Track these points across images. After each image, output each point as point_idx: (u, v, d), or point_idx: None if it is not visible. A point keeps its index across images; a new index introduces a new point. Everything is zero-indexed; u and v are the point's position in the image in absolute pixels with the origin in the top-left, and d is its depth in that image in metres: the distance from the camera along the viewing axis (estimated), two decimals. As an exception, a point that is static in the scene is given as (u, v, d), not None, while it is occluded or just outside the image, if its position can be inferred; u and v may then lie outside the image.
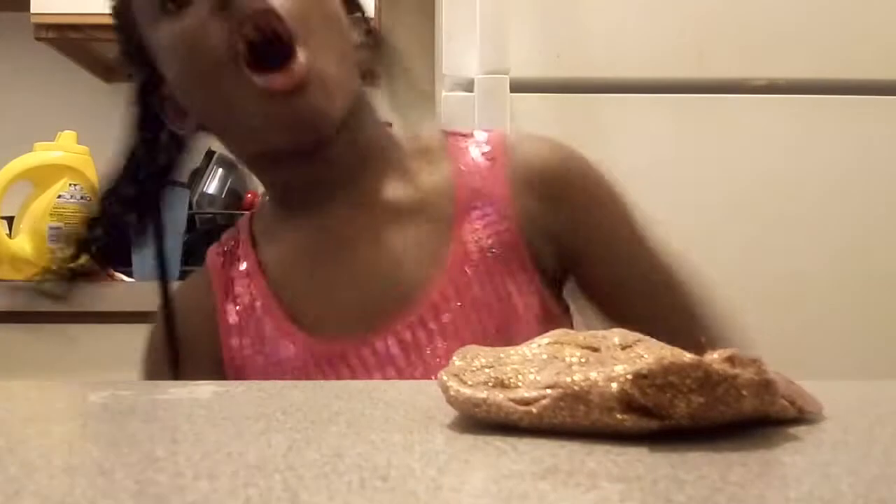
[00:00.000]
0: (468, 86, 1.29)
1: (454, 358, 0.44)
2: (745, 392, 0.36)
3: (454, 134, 0.77)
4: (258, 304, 0.73)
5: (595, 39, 1.31)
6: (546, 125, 1.30)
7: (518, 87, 1.27)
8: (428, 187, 0.73)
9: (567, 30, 1.31)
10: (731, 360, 0.37)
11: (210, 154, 1.84)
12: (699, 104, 1.31)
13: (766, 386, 0.37)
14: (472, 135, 0.77)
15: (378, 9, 1.84)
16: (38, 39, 1.83)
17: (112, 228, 0.75)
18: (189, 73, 0.68)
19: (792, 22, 1.31)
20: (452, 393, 0.40)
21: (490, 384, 0.40)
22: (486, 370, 0.42)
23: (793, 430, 0.39)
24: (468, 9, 1.27)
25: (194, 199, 1.84)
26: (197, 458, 0.33)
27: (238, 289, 0.75)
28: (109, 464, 0.33)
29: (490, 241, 0.71)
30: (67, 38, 1.83)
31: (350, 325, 0.70)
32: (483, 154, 0.74)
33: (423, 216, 0.71)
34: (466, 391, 0.39)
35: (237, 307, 0.74)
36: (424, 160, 0.75)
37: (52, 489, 0.29)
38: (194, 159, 0.87)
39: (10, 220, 1.71)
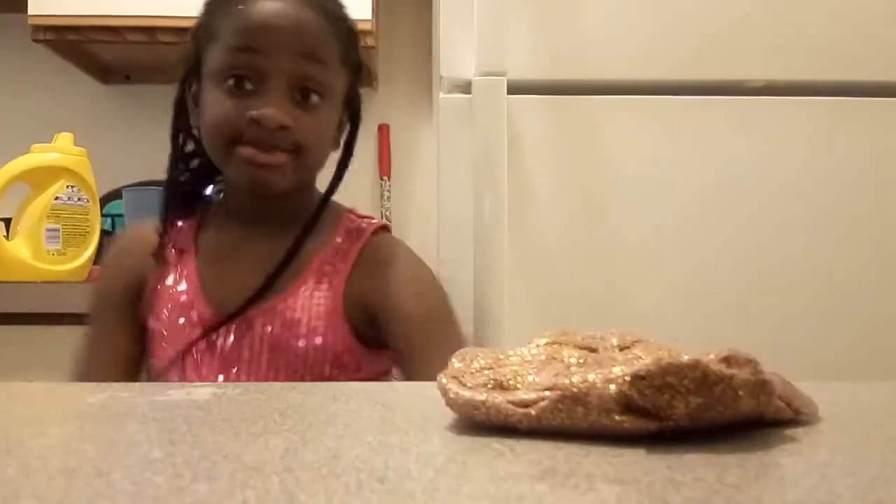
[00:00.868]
0: (465, 88, 1.29)
1: (453, 360, 0.44)
2: (741, 392, 0.36)
3: (351, 212, 1.02)
4: (185, 273, 0.97)
5: (592, 41, 1.31)
6: (543, 127, 1.30)
7: (515, 89, 1.26)
8: (311, 244, 0.96)
9: (564, 32, 1.31)
10: (727, 360, 0.37)
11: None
12: (697, 106, 1.31)
13: (762, 386, 0.37)
14: (363, 218, 1.01)
15: (375, 10, 1.84)
16: (36, 41, 1.82)
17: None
18: (212, 130, 0.92)
19: (790, 24, 1.31)
20: (452, 395, 0.40)
21: (489, 386, 0.40)
22: (485, 372, 0.42)
23: (790, 431, 0.39)
24: (465, 10, 1.26)
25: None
26: (195, 459, 0.33)
27: (172, 254, 0.99)
28: (107, 465, 0.33)
29: (320, 297, 0.94)
30: (65, 39, 1.82)
31: (229, 306, 0.94)
32: (356, 236, 0.97)
33: (297, 259, 0.95)
34: (465, 394, 0.40)
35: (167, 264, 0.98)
36: (324, 222, 0.98)
37: (50, 491, 0.29)
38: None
39: (7, 221, 1.71)
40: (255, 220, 0.97)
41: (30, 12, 1.77)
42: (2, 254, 1.60)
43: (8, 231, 1.69)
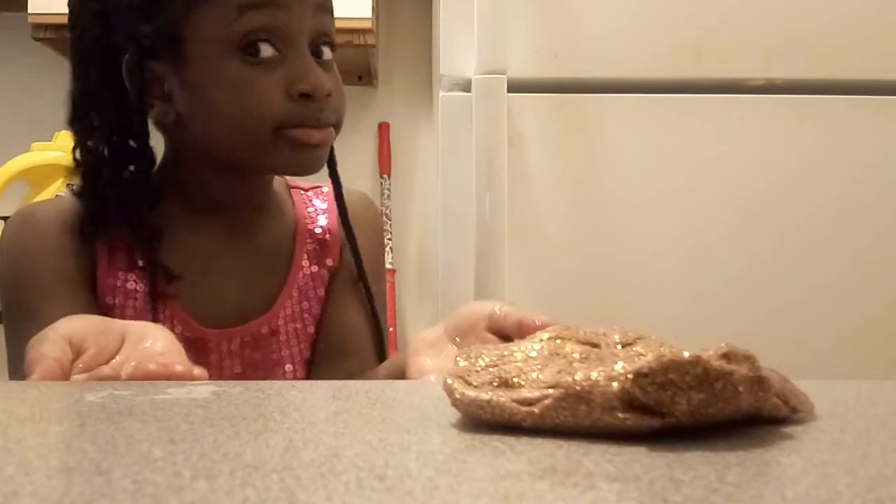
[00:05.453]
0: (466, 86, 1.29)
1: (458, 359, 0.44)
2: (741, 388, 0.36)
3: (295, 187, 0.94)
4: (142, 289, 0.82)
5: (593, 39, 1.31)
6: (543, 125, 1.30)
7: (515, 87, 1.26)
8: (280, 232, 0.89)
9: (565, 30, 1.31)
10: (726, 356, 0.37)
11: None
12: (697, 104, 1.31)
13: (759, 382, 0.37)
14: (309, 188, 0.94)
15: (375, 9, 1.84)
16: (36, 39, 1.82)
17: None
18: (241, 118, 0.77)
19: (790, 22, 1.31)
20: (458, 396, 0.40)
21: (494, 384, 0.40)
22: (490, 370, 0.42)
23: (790, 429, 0.39)
24: (466, 9, 1.26)
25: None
26: (195, 458, 0.33)
27: (122, 273, 0.83)
28: (107, 464, 0.33)
29: (317, 269, 0.89)
30: (65, 38, 1.82)
31: (218, 319, 0.84)
32: (321, 207, 0.92)
33: (274, 253, 0.88)
34: (471, 393, 0.40)
35: (119, 281, 0.82)
36: (279, 203, 0.91)
37: (50, 489, 0.29)
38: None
39: (6, 220, 1.71)
40: (220, 210, 0.86)
41: (30, 11, 1.77)
42: (2, 252, 1.59)
43: (8, 230, 1.69)
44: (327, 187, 0.94)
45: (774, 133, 1.31)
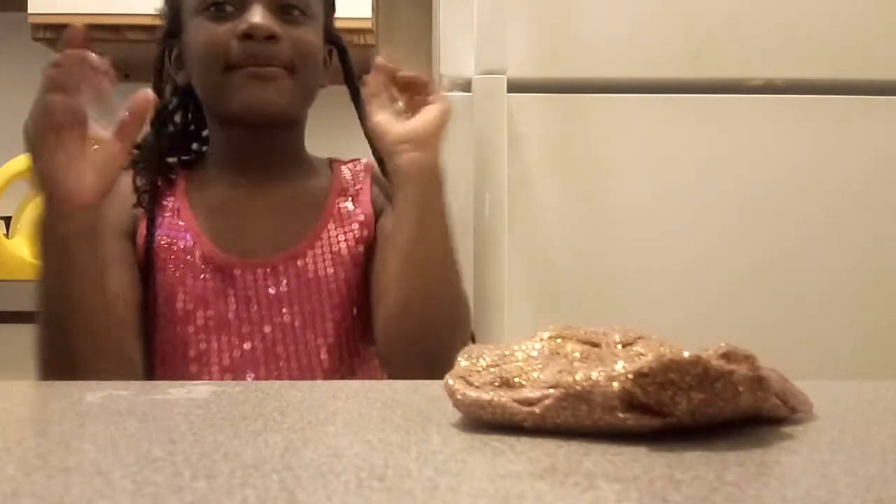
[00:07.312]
0: (466, 86, 1.29)
1: (459, 359, 0.44)
2: (741, 388, 0.36)
3: (336, 160, 1.06)
4: (182, 225, 0.95)
5: (592, 39, 1.31)
6: (543, 125, 1.30)
7: (515, 87, 1.26)
8: (315, 185, 1.01)
9: (564, 30, 1.31)
10: (726, 356, 0.37)
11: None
12: (697, 104, 1.31)
13: (759, 382, 0.37)
14: (347, 161, 1.06)
15: (375, 9, 1.84)
16: (36, 40, 1.82)
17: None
18: (202, 59, 0.94)
19: (790, 22, 1.31)
20: (459, 396, 0.40)
21: (496, 384, 0.40)
22: (492, 370, 0.42)
23: (789, 429, 0.39)
24: (465, 9, 1.26)
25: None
26: (194, 458, 0.33)
27: (165, 213, 0.97)
28: (107, 464, 0.33)
29: (349, 234, 0.98)
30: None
31: (245, 253, 0.94)
32: (353, 174, 1.03)
33: (308, 200, 0.99)
34: (472, 394, 0.40)
35: (161, 218, 0.96)
36: (317, 169, 1.04)
37: (50, 489, 0.29)
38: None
39: (7, 220, 1.71)
40: (246, 165, 0.97)
41: (30, 11, 1.77)
42: (2, 252, 1.60)
43: (8, 229, 1.69)
44: (365, 159, 1.04)
45: (774, 133, 1.31)
